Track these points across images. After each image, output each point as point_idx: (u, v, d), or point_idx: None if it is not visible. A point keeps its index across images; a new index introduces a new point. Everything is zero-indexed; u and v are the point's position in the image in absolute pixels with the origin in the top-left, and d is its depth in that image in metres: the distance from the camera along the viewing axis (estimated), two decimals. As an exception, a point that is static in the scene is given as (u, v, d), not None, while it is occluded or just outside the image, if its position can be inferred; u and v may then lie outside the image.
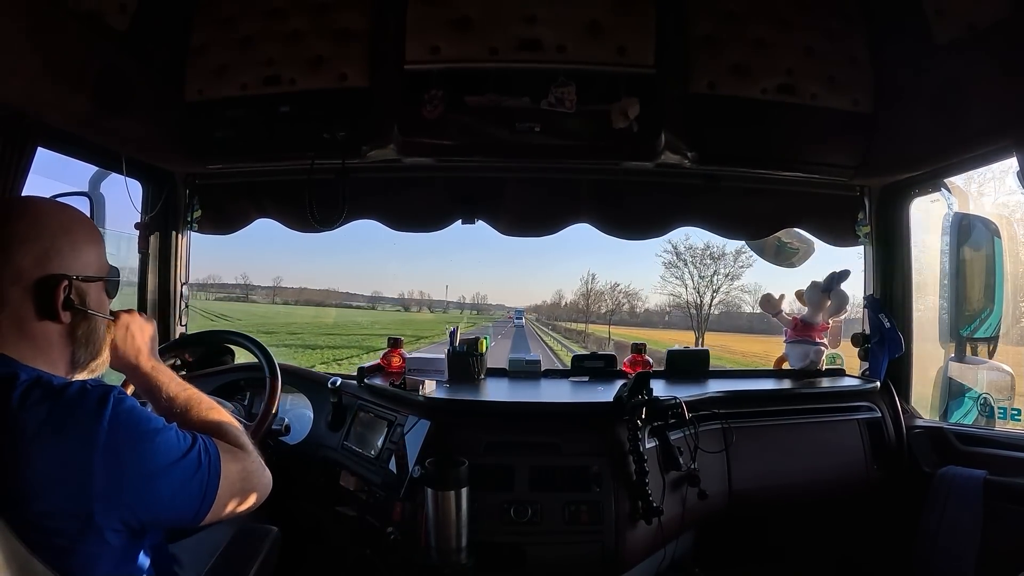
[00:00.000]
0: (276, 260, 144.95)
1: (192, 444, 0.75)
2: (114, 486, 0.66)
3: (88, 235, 0.79)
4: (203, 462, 0.74)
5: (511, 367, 1.90)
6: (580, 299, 44.68)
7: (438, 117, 1.59)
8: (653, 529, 1.33)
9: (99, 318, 0.81)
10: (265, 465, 0.86)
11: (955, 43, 1.38)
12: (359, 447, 1.56)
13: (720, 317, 28.73)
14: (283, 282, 77.87)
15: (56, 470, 0.64)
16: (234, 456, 0.80)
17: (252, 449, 0.86)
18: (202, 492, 0.74)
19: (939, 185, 1.70)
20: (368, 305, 74.32)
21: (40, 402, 0.66)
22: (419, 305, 79.78)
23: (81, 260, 0.77)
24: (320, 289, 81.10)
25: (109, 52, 1.38)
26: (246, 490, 0.81)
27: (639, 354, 1.87)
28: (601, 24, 1.55)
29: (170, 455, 0.71)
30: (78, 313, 0.76)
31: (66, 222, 0.78)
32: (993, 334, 1.63)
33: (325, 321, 39.35)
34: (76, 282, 0.76)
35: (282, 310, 41.78)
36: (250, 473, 0.82)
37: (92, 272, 0.79)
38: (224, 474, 0.76)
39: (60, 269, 0.74)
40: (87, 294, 0.78)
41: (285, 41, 1.60)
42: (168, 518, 0.73)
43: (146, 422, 0.71)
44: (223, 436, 0.84)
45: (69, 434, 0.65)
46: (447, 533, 1.22)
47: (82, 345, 0.79)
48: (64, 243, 0.76)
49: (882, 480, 1.65)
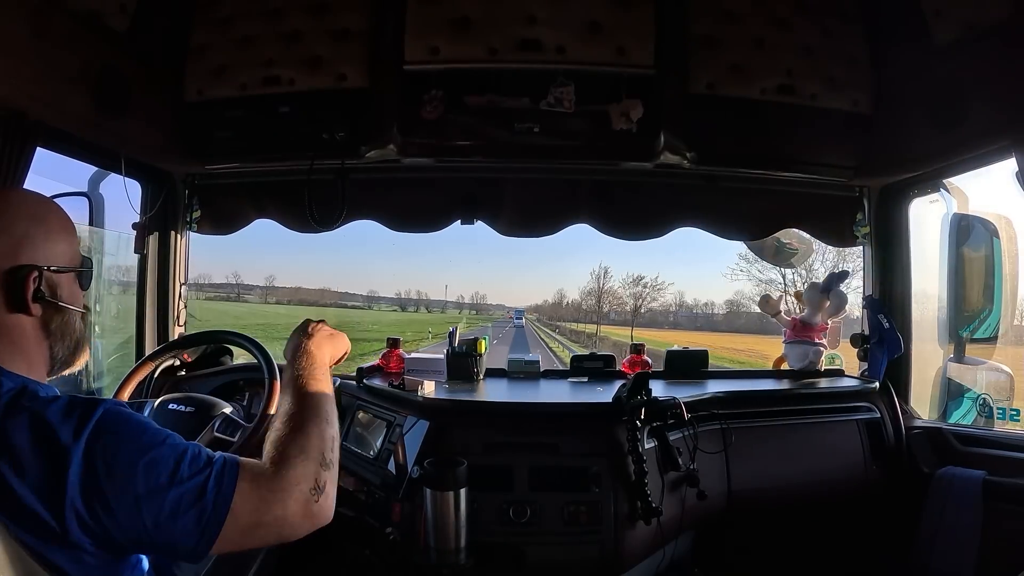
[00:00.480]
0: (270, 259, 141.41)
1: (201, 470, 0.66)
2: (87, 507, 0.62)
3: (60, 225, 0.77)
4: (208, 493, 0.65)
5: (510, 367, 1.90)
6: (586, 297, 40.88)
7: (437, 117, 1.59)
8: (652, 529, 1.33)
9: (73, 311, 0.77)
10: (318, 499, 0.72)
11: (954, 44, 1.39)
12: (358, 447, 1.56)
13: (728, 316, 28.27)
14: (276, 281, 75.85)
15: (36, 484, 0.61)
16: (265, 490, 0.69)
17: (319, 481, 0.73)
18: (200, 527, 0.65)
19: (938, 185, 1.71)
20: (364, 305, 71.60)
21: (23, 413, 0.63)
22: (416, 305, 77.37)
23: (53, 251, 0.75)
24: (315, 288, 78.22)
25: (108, 52, 1.38)
26: (265, 524, 0.69)
27: (638, 354, 1.88)
28: (600, 24, 1.55)
29: (157, 479, 0.64)
30: (49, 305, 0.74)
31: (38, 212, 0.76)
32: (992, 334, 1.63)
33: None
34: (47, 273, 0.73)
35: (271, 310, 40.45)
36: (278, 512, 0.69)
37: (64, 263, 0.76)
38: (235, 510, 0.66)
39: (30, 260, 0.72)
40: (58, 286, 0.75)
41: (284, 41, 1.60)
42: (156, 545, 0.65)
43: (134, 441, 0.65)
44: (304, 459, 0.73)
45: (48, 449, 0.62)
46: (446, 533, 1.22)
47: (58, 339, 0.76)
48: (36, 233, 0.73)
49: (881, 480, 1.65)
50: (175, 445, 0.68)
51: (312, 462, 0.74)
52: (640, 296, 35.35)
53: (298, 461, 0.73)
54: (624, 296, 36.48)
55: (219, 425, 1.34)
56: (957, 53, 1.39)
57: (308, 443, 0.75)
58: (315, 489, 0.72)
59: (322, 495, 0.73)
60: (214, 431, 1.32)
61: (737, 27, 1.59)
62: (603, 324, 34.95)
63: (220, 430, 1.33)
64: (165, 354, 1.64)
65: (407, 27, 1.56)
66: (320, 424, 0.79)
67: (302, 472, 0.72)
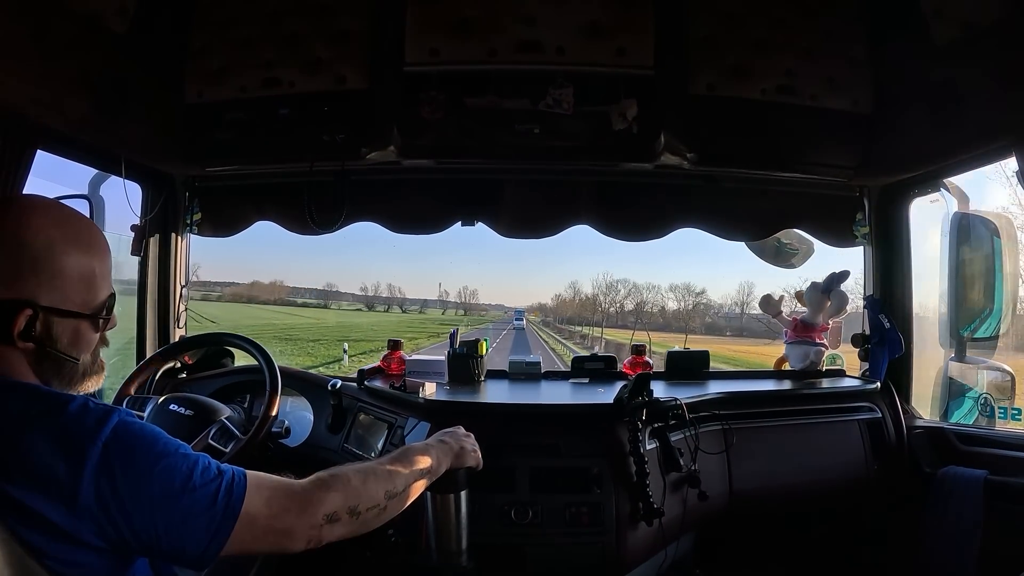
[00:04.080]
0: (241, 255, 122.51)
1: (212, 480, 0.68)
2: (102, 508, 0.62)
3: (84, 257, 0.69)
4: (219, 501, 0.67)
5: (511, 369, 1.90)
6: (600, 295, 36.99)
7: (438, 119, 1.59)
8: (654, 530, 1.33)
9: (64, 358, 0.69)
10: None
11: (954, 44, 1.39)
12: (359, 449, 1.55)
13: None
14: (236, 278, 63.13)
15: (45, 485, 0.61)
16: (287, 499, 0.72)
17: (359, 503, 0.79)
18: (209, 534, 0.66)
19: (938, 185, 1.70)
20: (319, 302, 58.99)
21: (39, 416, 0.63)
22: (388, 303, 64.52)
23: (61, 288, 0.67)
24: (267, 283, 63.01)
25: (108, 54, 1.38)
26: (275, 532, 0.72)
27: (639, 355, 1.88)
28: (600, 25, 1.55)
29: (171, 485, 0.65)
30: (41, 347, 0.67)
31: (54, 236, 0.67)
32: (993, 334, 1.63)
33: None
34: (44, 314, 0.66)
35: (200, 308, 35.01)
36: (288, 522, 0.72)
37: (74, 304, 0.69)
38: (244, 518, 0.68)
39: (30, 295, 0.65)
40: (57, 327, 0.68)
41: (284, 43, 1.60)
42: (164, 550, 0.66)
43: (148, 447, 0.66)
44: (342, 494, 0.77)
45: (63, 450, 0.62)
46: (447, 535, 1.21)
47: (52, 377, 0.70)
48: (45, 263, 0.66)
49: (882, 480, 1.65)
50: (187, 455, 0.69)
51: (345, 500, 0.78)
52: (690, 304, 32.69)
53: (335, 491, 0.77)
54: (669, 302, 33.55)
55: (214, 433, 1.35)
56: (957, 53, 1.38)
57: (357, 488, 0.80)
58: (329, 518, 0.76)
59: (329, 526, 0.76)
60: (208, 438, 1.33)
61: (737, 28, 1.59)
62: (636, 328, 32.41)
63: (214, 438, 1.34)
64: (166, 357, 1.65)
65: (407, 29, 1.56)
66: (381, 487, 0.84)
67: (330, 501, 0.76)
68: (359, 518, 0.80)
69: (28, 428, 0.62)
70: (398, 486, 0.88)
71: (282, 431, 1.50)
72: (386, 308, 62.92)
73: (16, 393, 0.66)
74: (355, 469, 0.84)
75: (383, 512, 0.84)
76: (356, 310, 58.64)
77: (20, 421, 0.63)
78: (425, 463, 0.96)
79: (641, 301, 34.79)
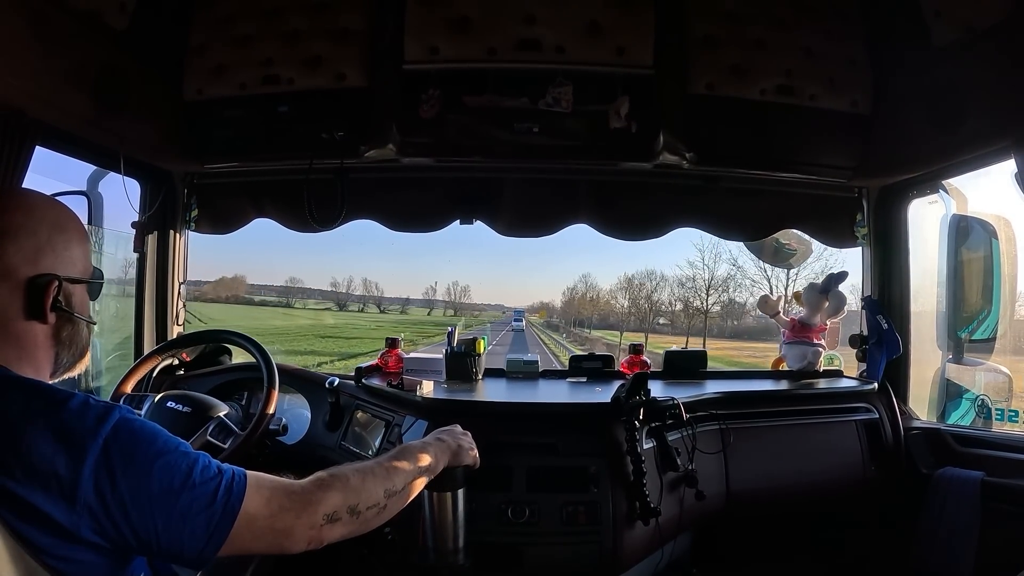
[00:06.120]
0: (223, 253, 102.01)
1: (212, 479, 0.69)
2: (101, 504, 0.63)
3: (79, 234, 0.78)
4: (218, 500, 0.68)
5: (509, 367, 1.90)
6: (621, 292, 30.54)
7: (437, 117, 1.59)
8: (651, 530, 1.33)
9: (83, 322, 0.78)
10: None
11: (953, 45, 1.39)
12: (357, 447, 1.56)
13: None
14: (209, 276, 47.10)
15: (46, 481, 0.61)
16: (287, 499, 0.73)
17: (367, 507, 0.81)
18: (208, 532, 0.67)
19: (937, 187, 1.70)
20: (279, 300, 50.03)
21: (40, 413, 0.64)
22: (363, 301, 55.94)
23: (71, 260, 0.75)
24: (231, 277, 50.85)
25: (108, 51, 1.38)
26: (274, 531, 0.72)
27: (637, 355, 1.88)
28: (600, 24, 1.55)
29: (170, 482, 0.66)
30: (63, 315, 0.74)
31: (60, 219, 0.76)
32: (991, 335, 1.64)
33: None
34: (65, 283, 0.74)
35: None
36: (288, 521, 0.73)
37: (78, 273, 0.77)
38: (243, 517, 0.69)
39: (51, 268, 0.72)
40: (73, 296, 0.76)
41: (284, 41, 1.59)
42: (164, 548, 0.67)
43: (149, 445, 0.67)
44: (342, 493, 0.78)
45: (63, 446, 0.63)
46: (444, 534, 1.21)
47: (66, 347, 0.77)
48: (57, 241, 0.74)
49: (879, 481, 1.65)
50: (187, 453, 0.69)
51: (345, 500, 0.78)
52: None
53: (334, 491, 0.78)
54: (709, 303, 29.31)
55: (212, 429, 1.35)
56: (956, 54, 1.38)
57: (357, 487, 0.81)
58: (329, 518, 0.76)
59: (329, 526, 0.76)
60: (207, 435, 1.33)
61: (737, 27, 1.59)
62: (662, 332, 28.55)
63: (213, 435, 1.34)
64: (163, 353, 1.65)
65: (406, 27, 1.56)
66: (380, 486, 0.85)
67: (330, 500, 0.76)
68: (359, 517, 0.80)
69: (29, 424, 0.63)
70: (398, 484, 0.88)
71: (279, 428, 1.50)
72: (361, 307, 54.66)
73: (17, 389, 0.66)
74: (354, 468, 0.84)
75: (383, 511, 0.85)
76: (325, 308, 51.20)
77: (21, 417, 0.63)
78: (423, 461, 0.96)
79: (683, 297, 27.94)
